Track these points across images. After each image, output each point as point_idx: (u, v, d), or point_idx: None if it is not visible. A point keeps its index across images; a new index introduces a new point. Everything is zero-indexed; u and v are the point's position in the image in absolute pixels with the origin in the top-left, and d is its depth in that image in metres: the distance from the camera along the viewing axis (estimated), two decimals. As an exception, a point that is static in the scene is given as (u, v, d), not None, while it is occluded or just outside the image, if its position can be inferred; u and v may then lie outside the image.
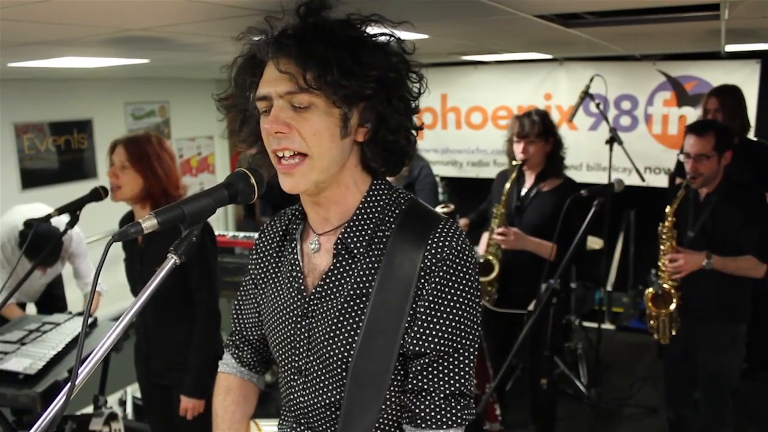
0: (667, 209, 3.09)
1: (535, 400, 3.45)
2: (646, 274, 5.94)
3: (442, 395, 1.25)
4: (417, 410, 1.26)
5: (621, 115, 5.74)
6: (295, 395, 1.39)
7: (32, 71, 4.82)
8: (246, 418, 1.59)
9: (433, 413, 1.25)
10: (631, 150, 4.55)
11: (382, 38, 1.27)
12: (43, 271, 3.79)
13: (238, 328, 1.62)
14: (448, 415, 1.25)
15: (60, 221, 3.56)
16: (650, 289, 3.16)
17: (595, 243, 4.58)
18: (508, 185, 3.36)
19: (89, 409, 3.93)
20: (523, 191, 3.46)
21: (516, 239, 3.27)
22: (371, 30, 1.27)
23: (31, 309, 4.21)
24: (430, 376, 1.25)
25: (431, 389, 1.25)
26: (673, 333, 3.14)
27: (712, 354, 3.11)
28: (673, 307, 3.06)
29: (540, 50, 5.05)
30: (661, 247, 3.11)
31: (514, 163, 3.39)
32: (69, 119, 6.34)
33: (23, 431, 3.03)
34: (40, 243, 3.39)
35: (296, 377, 1.38)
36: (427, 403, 1.25)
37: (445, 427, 1.25)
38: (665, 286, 3.09)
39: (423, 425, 1.26)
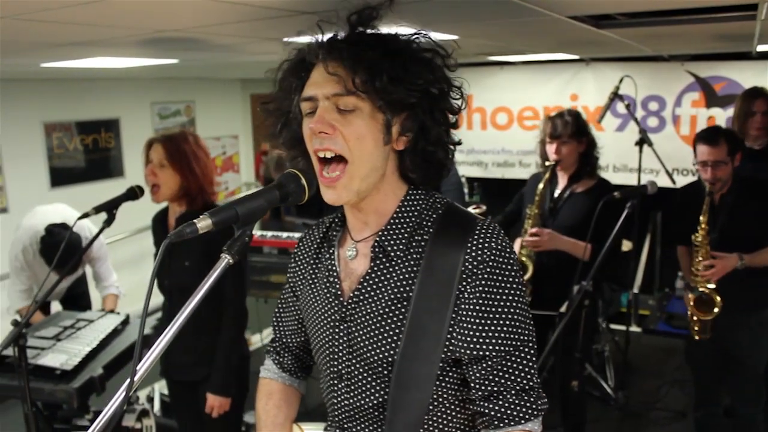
0: (700, 218, 3.08)
1: (566, 402, 3.43)
2: (674, 277, 5.93)
3: (513, 392, 1.26)
4: (492, 413, 1.27)
5: (648, 116, 5.70)
6: (338, 399, 1.39)
7: (61, 71, 4.88)
8: (288, 421, 1.60)
9: (509, 411, 1.26)
10: (659, 151, 4.52)
11: (429, 54, 1.29)
12: (61, 276, 3.80)
13: (278, 335, 1.65)
14: (524, 409, 1.26)
15: (82, 225, 3.61)
16: (692, 294, 3.12)
17: (623, 245, 4.55)
18: (541, 186, 3.33)
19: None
20: (557, 192, 3.43)
21: (550, 240, 3.24)
22: (418, 42, 1.30)
23: (56, 307, 4.26)
24: (497, 378, 1.26)
25: (503, 389, 1.26)
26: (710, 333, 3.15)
27: (744, 341, 3.18)
28: (716, 311, 3.04)
29: (568, 51, 5.02)
30: (695, 255, 3.10)
31: (547, 164, 3.36)
32: (97, 118, 6.42)
33: (59, 424, 3.08)
34: (63, 253, 3.43)
35: (337, 381, 1.39)
36: (500, 403, 1.26)
37: (523, 421, 1.27)
38: (705, 290, 3.08)
39: (501, 425, 1.27)
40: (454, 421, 1.35)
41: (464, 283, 1.25)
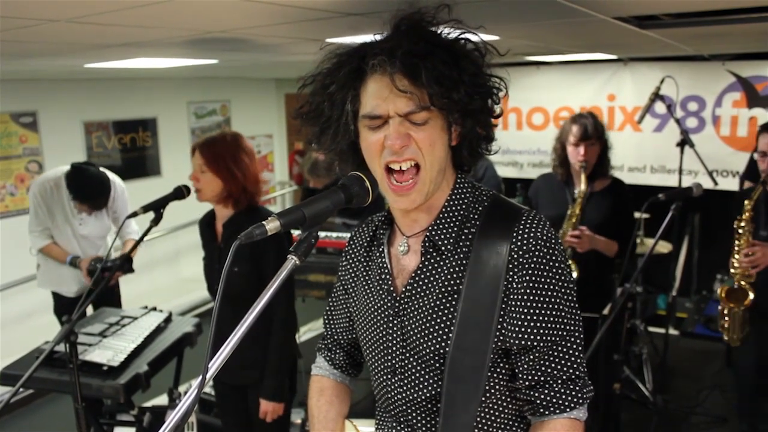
0: (746, 203, 3.03)
1: (606, 404, 3.41)
2: (712, 280, 5.85)
3: (560, 381, 1.28)
4: (538, 401, 1.29)
5: (687, 117, 5.61)
6: (391, 394, 1.41)
7: (101, 71, 4.97)
8: (340, 417, 1.61)
9: (554, 400, 1.28)
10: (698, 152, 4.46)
11: (480, 50, 1.29)
12: (88, 212, 3.87)
13: (330, 332, 1.67)
14: (570, 398, 1.28)
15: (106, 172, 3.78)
16: (725, 285, 3.12)
17: (662, 247, 4.50)
18: (583, 187, 3.32)
19: (160, 399, 4.05)
20: (576, 193, 3.44)
21: (589, 241, 3.24)
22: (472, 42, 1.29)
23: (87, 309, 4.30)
24: (544, 368, 1.28)
25: (549, 379, 1.28)
26: (743, 334, 3.09)
27: None
28: (750, 298, 3.00)
29: (607, 51, 4.98)
30: (736, 243, 3.06)
31: (578, 166, 3.36)
32: (134, 118, 6.51)
33: (102, 419, 3.14)
34: (90, 185, 3.65)
35: (390, 376, 1.40)
36: (546, 392, 1.28)
37: (569, 409, 1.29)
38: (744, 284, 3.04)
39: (547, 413, 1.29)
40: (506, 412, 1.37)
41: (511, 273, 1.26)
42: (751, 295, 3.02)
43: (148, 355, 3.02)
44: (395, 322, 1.38)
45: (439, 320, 1.30)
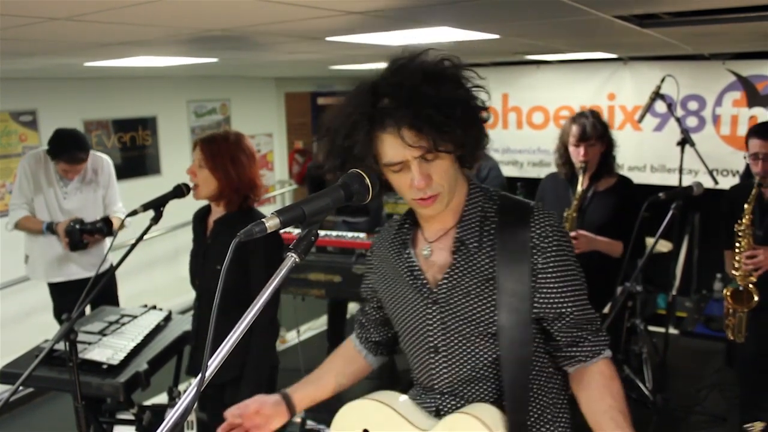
0: (745, 207, 3.08)
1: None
2: (712, 279, 5.85)
3: (591, 333, 1.58)
4: (579, 353, 1.57)
5: (687, 116, 5.62)
6: (436, 370, 1.60)
7: (101, 70, 4.96)
8: (332, 370, 1.87)
9: (592, 347, 1.57)
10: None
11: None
12: (70, 175, 3.96)
13: (364, 320, 1.93)
14: (600, 345, 1.58)
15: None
16: (730, 286, 3.15)
17: (662, 246, 4.50)
18: (580, 188, 3.31)
19: (160, 398, 4.04)
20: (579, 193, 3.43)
21: (587, 242, 3.23)
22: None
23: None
24: (578, 328, 1.56)
25: (584, 334, 1.57)
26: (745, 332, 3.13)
27: None
28: (756, 300, 3.04)
29: (607, 50, 4.97)
30: (737, 245, 3.10)
31: (578, 166, 3.35)
32: (134, 116, 6.50)
33: (102, 418, 3.14)
34: (62, 136, 3.89)
35: (433, 355, 1.60)
36: (585, 344, 1.57)
37: (603, 352, 1.58)
38: (749, 286, 3.08)
39: (588, 359, 1.57)
40: (546, 367, 1.62)
41: (536, 256, 1.49)
42: (756, 298, 3.05)
43: (147, 353, 3.01)
44: (434, 308, 1.56)
45: (480, 304, 1.51)
